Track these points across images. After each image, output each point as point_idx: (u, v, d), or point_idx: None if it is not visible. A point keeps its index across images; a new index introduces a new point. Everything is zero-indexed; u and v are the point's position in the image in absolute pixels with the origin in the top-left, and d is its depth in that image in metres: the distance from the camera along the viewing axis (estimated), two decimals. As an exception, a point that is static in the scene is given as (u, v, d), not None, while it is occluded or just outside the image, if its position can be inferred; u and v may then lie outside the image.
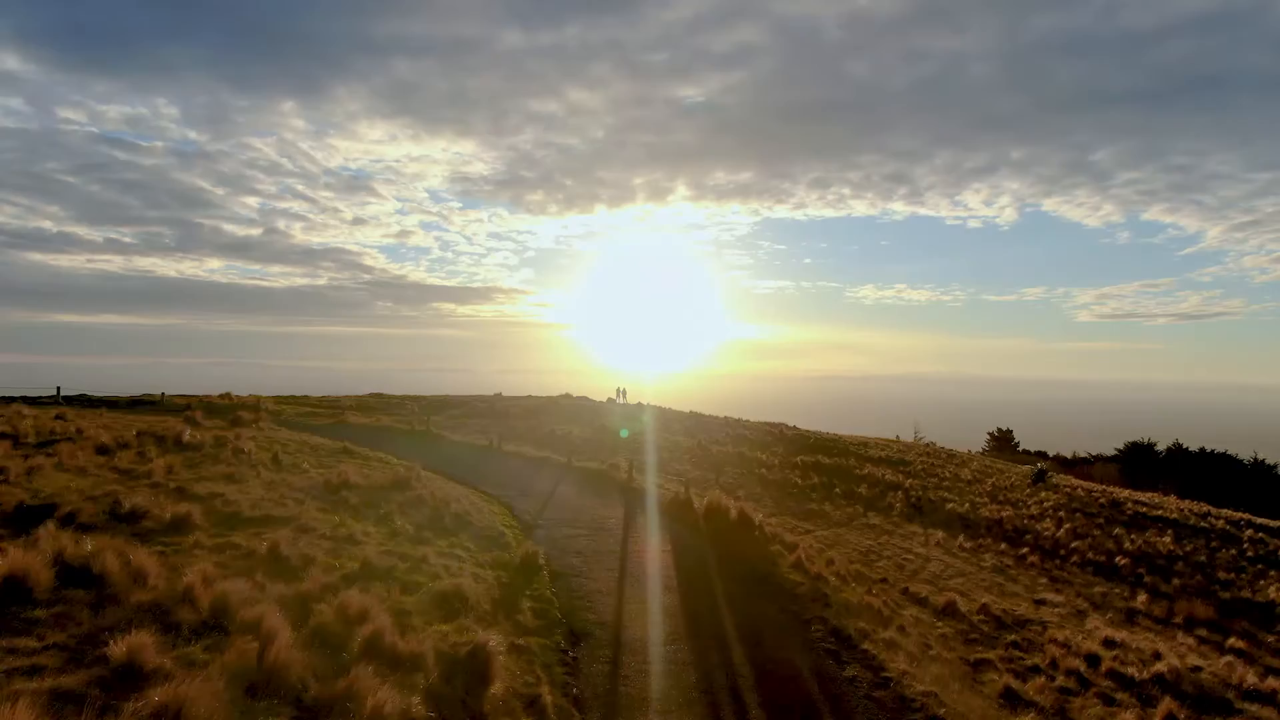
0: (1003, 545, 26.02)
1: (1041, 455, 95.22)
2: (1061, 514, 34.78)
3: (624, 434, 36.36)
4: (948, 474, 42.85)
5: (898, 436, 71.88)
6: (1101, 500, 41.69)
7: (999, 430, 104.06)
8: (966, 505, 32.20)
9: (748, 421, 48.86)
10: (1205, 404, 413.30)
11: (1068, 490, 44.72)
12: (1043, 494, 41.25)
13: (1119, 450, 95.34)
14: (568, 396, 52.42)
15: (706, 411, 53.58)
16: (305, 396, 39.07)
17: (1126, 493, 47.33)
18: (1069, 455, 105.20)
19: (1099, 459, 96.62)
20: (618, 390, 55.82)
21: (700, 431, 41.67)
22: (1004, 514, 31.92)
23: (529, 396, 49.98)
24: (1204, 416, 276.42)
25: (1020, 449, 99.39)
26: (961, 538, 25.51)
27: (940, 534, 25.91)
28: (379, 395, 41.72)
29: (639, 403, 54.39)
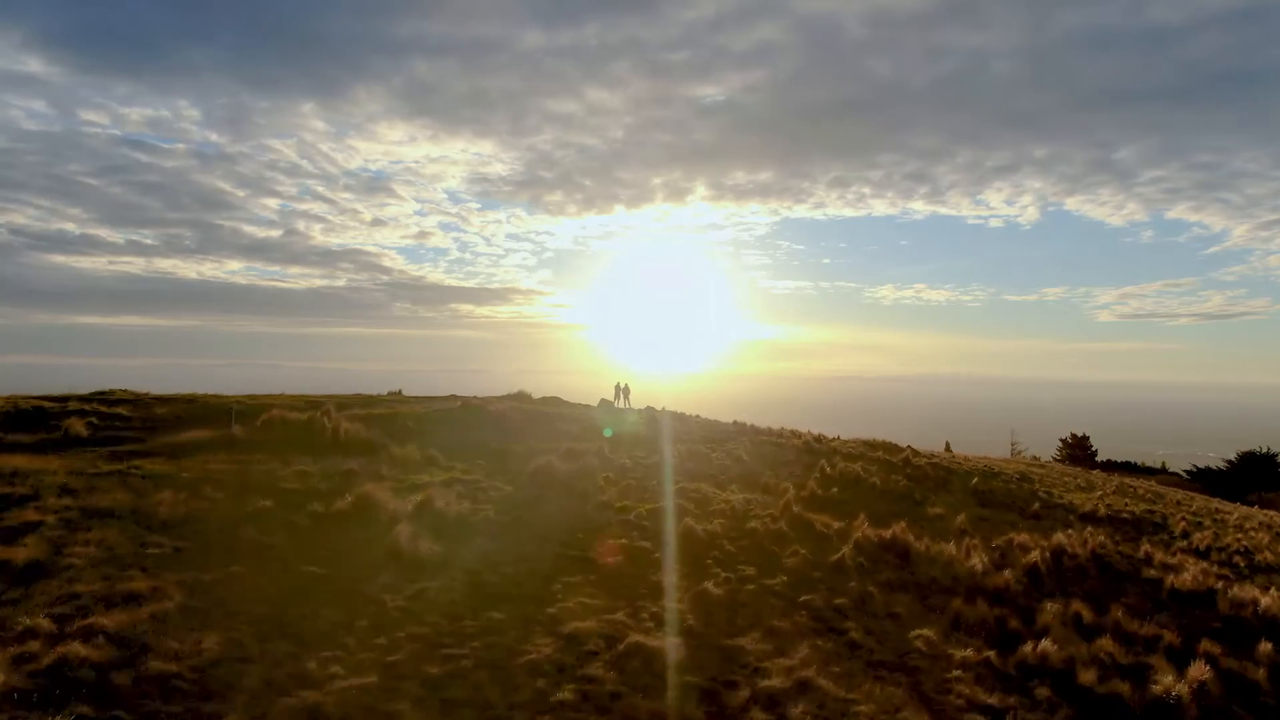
0: None
1: (1128, 466, 75.28)
2: None
3: (608, 433, 23.33)
4: (1234, 544, 20.98)
5: (947, 444, 52.91)
6: None
7: (1073, 436, 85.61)
8: None
9: (840, 441, 26.90)
10: (1229, 405, 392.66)
11: None
12: None
13: (1230, 462, 76.77)
14: (524, 397, 30.65)
15: (752, 418, 31.80)
16: None
17: None
18: (1159, 465, 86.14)
19: (1205, 471, 77.63)
20: (617, 388, 34.76)
21: (764, 465, 19.87)
22: None
23: (451, 397, 28.03)
24: (1228, 418, 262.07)
25: (1097, 457, 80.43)
26: None
27: None
28: (113, 396, 19.88)
29: (648, 408, 33.07)
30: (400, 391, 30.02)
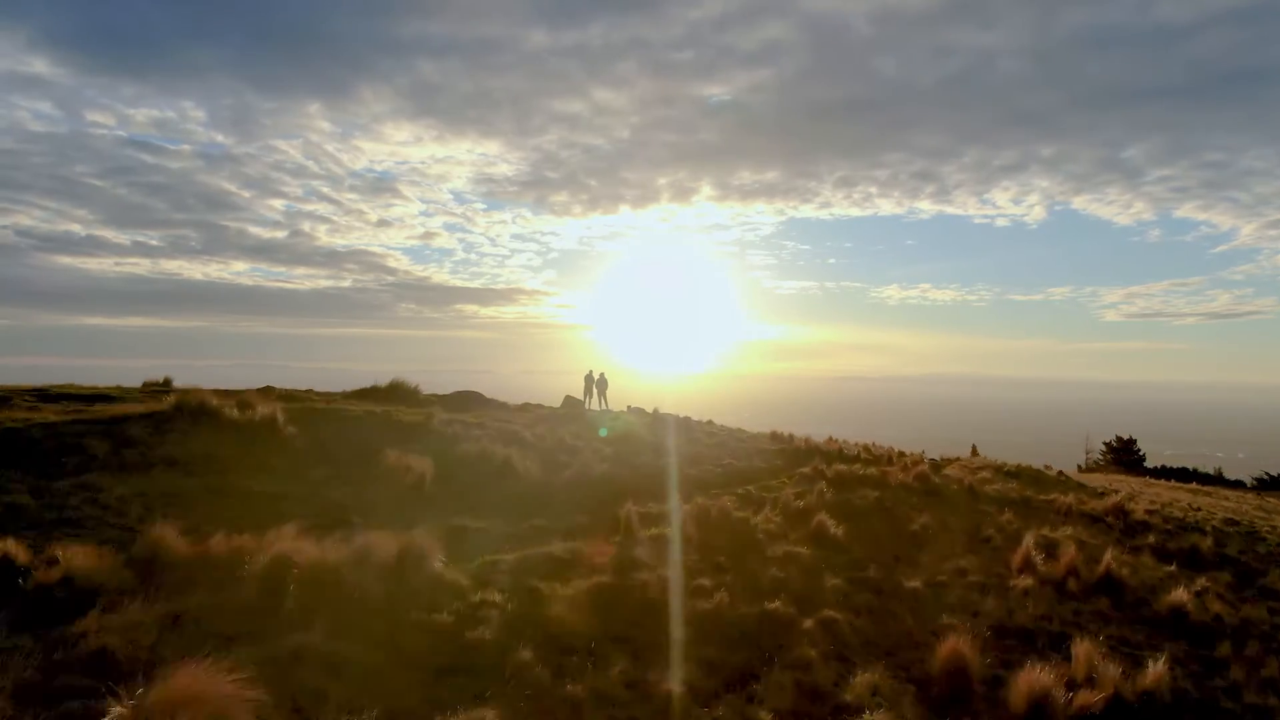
0: None
1: (1184, 473, 64.32)
2: None
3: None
4: None
5: (975, 448, 43.10)
6: None
7: (1118, 439, 73.81)
8: None
9: (962, 467, 15.23)
10: (1236, 405, 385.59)
11: None
12: None
13: (1304, 468, 65.41)
14: (402, 390, 18.95)
15: (758, 419, 20.54)
16: None
17: None
18: (1212, 470, 74.75)
19: (1277, 480, 66.03)
20: (588, 381, 24.55)
21: (876, 548, 8.10)
22: None
23: (196, 390, 15.69)
24: (1235, 418, 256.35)
25: (1145, 462, 68.75)
26: None
27: None
28: None
29: (631, 410, 22.12)
30: (121, 386, 18.38)
